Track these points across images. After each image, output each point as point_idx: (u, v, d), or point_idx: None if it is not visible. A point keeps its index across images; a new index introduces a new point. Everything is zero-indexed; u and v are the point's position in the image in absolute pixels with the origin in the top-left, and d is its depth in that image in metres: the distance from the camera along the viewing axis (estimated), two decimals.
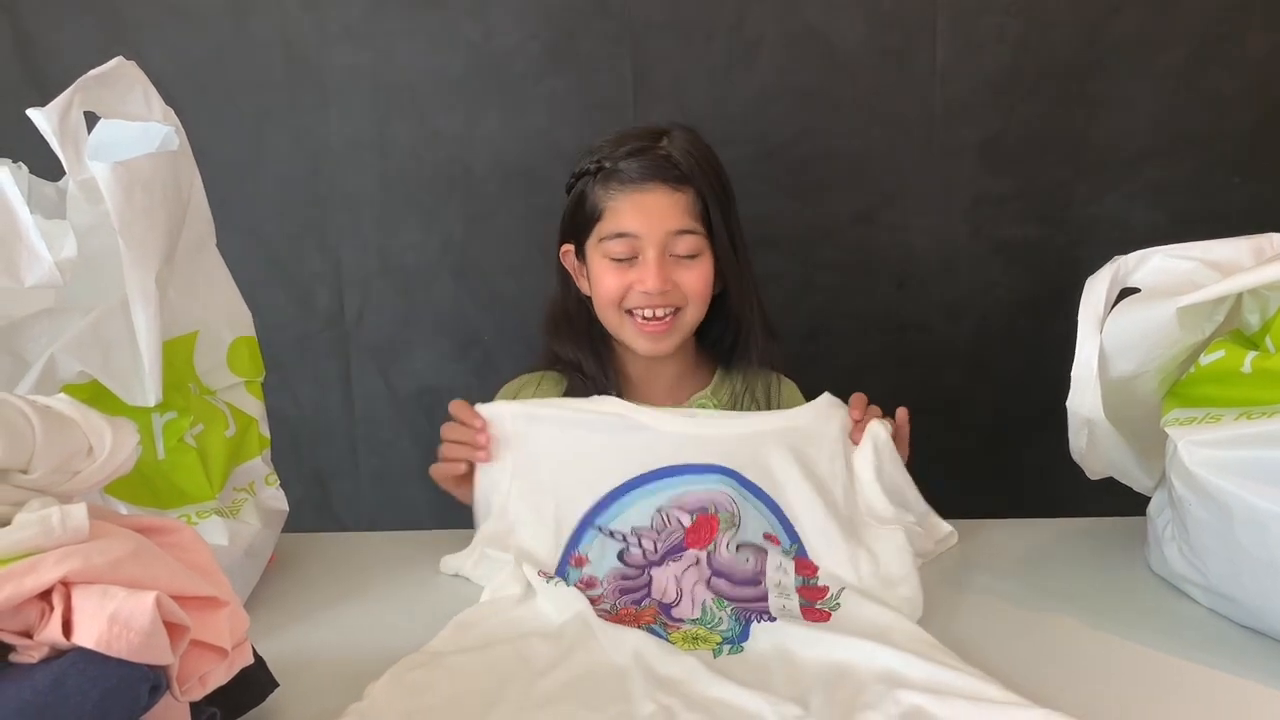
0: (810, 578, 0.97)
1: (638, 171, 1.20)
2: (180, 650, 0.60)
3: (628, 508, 1.01)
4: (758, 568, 0.96)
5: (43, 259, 0.81)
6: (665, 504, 1.00)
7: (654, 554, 0.98)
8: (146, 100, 0.94)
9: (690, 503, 1.00)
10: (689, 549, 0.97)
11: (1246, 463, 0.80)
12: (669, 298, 1.20)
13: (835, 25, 1.52)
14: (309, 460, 1.67)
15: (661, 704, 0.75)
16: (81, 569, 0.58)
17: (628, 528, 0.99)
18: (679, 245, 1.19)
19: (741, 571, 0.96)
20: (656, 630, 0.88)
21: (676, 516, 0.99)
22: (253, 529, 0.98)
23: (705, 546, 0.97)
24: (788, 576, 0.96)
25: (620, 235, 1.20)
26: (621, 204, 1.20)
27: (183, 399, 0.97)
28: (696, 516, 0.99)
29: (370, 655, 0.86)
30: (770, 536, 0.99)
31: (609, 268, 1.21)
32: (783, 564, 0.97)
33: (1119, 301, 0.91)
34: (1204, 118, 1.52)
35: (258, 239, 1.58)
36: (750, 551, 0.97)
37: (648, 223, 1.19)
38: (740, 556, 0.97)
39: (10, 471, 0.63)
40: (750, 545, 0.98)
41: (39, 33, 1.53)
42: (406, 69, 1.54)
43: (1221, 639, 0.85)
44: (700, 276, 1.21)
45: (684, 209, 1.20)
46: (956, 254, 1.58)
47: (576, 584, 0.95)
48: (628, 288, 1.20)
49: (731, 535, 0.98)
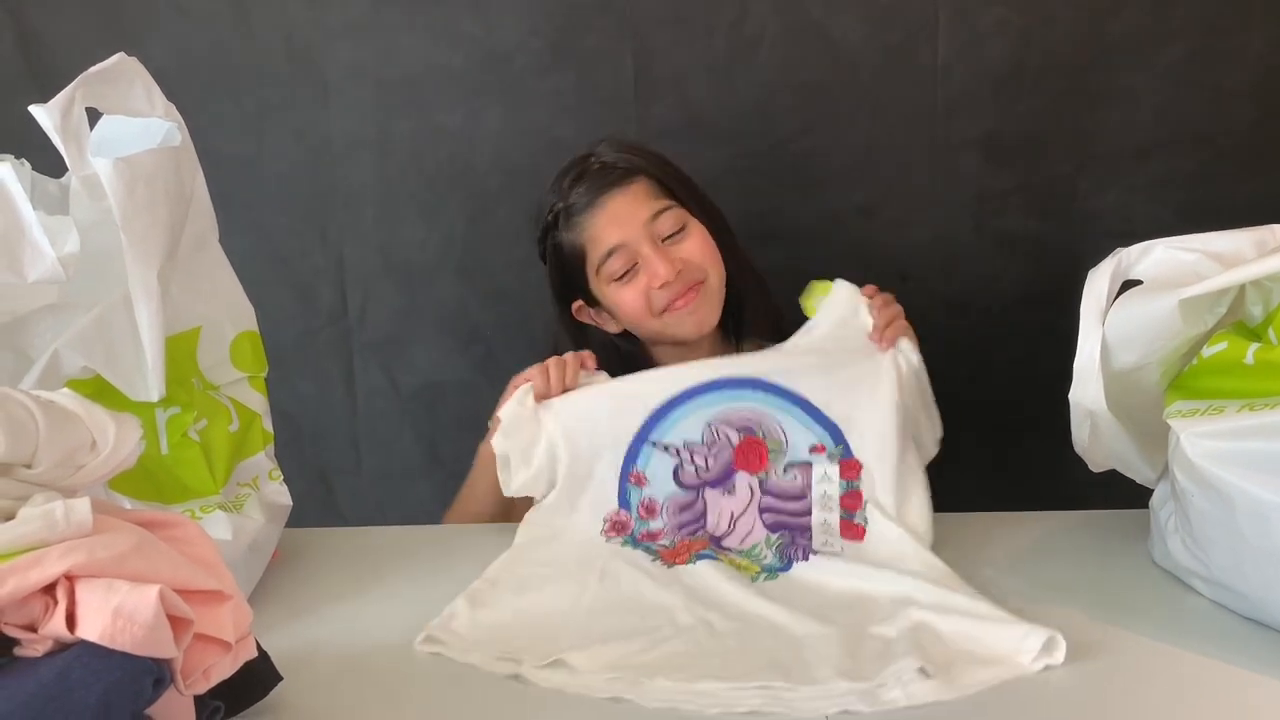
0: (854, 480, 1.05)
1: (586, 194, 1.22)
2: (184, 644, 0.60)
3: (679, 421, 1.07)
4: (804, 483, 1.05)
5: (46, 255, 0.81)
6: (714, 418, 1.07)
7: (706, 472, 1.06)
8: (148, 96, 0.94)
9: (736, 419, 1.07)
10: (738, 471, 1.05)
11: (1249, 454, 0.80)
12: (686, 277, 1.21)
13: (837, 21, 1.52)
14: (312, 456, 1.67)
15: (700, 617, 0.88)
16: (85, 563, 0.58)
17: (680, 441, 1.06)
18: (662, 226, 1.21)
19: (790, 489, 1.05)
20: (707, 554, 0.99)
21: (725, 433, 1.06)
22: (256, 524, 0.98)
23: (757, 473, 1.05)
24: (832, 485, 1.04)
25: (610, 253, 1.21)
26: (591, 228, 1.22)
27: (186, 394, 0.97)
28: (744, 436, 1.06)
29: (373, 649, 0.86)
30: (818, 448, 1.06)
31: (622, 287, 1.22)
32: (827, 473, 1.05)
33: (1121, 294, 0.91)
34: (1206, 112, 1.51)
35: (260, 235, 1.58)
36: (797, 469, 1.06)
37: (623, 227, 1.20)
38: (789, 476, 1.06)
39: (14, 466, 0.64)
40: (797, 464, 1.06)
41: (41, 29, 1.53)
42: (408, 65, 1.54)
43: (1225, 630, 0.85)
44: (699, 241, 1.23)
45: (645, 196, 1.22)
46: (959, 249, 1.57)
47: (639, 507, 1.05)
48: (648, 293, 1.21)
49: (781, 460, 1.06)
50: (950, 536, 1.06)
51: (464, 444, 1.45)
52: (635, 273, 1.21)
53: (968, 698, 0.75)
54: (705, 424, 1.07)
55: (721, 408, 1.07)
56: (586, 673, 0.80)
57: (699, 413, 1.07)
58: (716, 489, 1.05)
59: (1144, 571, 0.97)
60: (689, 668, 0.80)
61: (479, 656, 0.83)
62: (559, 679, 0.79)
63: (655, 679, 0.78)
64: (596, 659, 0.81)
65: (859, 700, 0.75)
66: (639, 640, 0.84)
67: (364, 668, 0.83)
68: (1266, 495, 0.78)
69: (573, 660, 0.81)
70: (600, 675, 0.79)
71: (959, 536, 1.06)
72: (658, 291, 1.20)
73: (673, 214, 1.21)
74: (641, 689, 0.77)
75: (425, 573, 1.03)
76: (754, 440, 1.06)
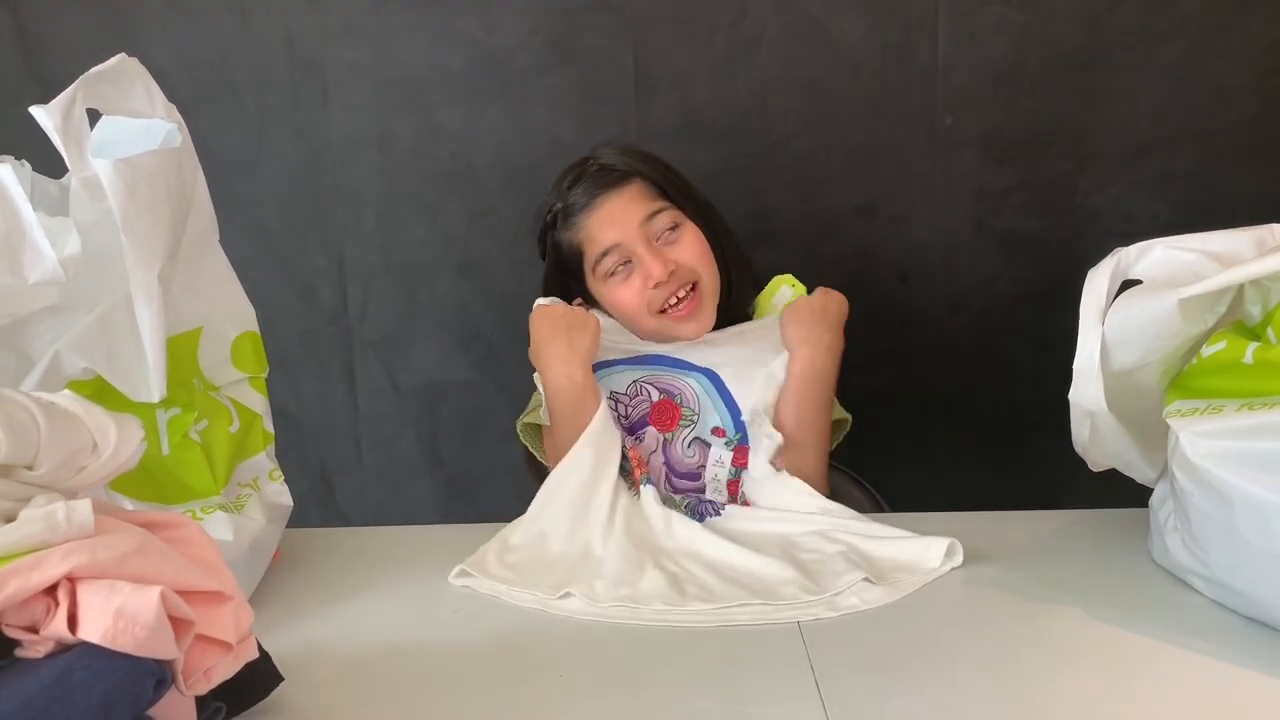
0: (743, 468, 1.15)
1: (585, 194, 1.25)
2: (185, 645, 0.60)
3: (610, 375, 1.22)
4: (699, 461, 1.18)
5: (46, 256, 0.81)
6: (641, 378, 1.22)
7: (624, 420, 1.20)
8: (149, 97, 0.94)
9: (659, 383, 1.22)
10: (650, 426, 1.20)
11: (1248, 454, 0.80)
12: (679, 277, 1.23)
13: (836, 19, 1.52)
14: (313, 455, 1.67)
15: (683, 567, 0.98)
16: (87, 564, 0.58)
17: (607, 391, 1.20)
18: (656, 226, 1.23)
19: (686, 465, 1.18)
20: (649, 480, 1.12)
21: (647, 389, 1.21)
22: (257, 524, 0.98)
23: (664, 432, 1.19)
24: (723, 470, 1.16)
25: (606, 252, 1.23)
26: (588, 228, 1.25)
27: (187, 395, 0.97)
28: (664, 397, 1.21)
29: (374, 650, 0.87)
30: (719, 430, 1.18)
31: (617, 285, 1.25)
32: (721, 457, 1.16)
33: (1120, 293, 0.91)
34: (1206, 109, 1.52)
35: (261, 235, 1.58)
36: (697, 447, 1.18)
37: (618, 227, 1.23)
38: (689, 452, 1.18)
39: (16, 468, 0.64)
40: (699, 440, 1.18)
41: (42, 29, 1.54)
42: (408, 65, 1.55)
43: (1224, 629, 0.85)
44: (693, 243, 1.25)
45: (641, 197, 1.24)
46: (959, 247, 1.58)
47: None
48: (643, 292, 1.23)
49: (689, 431, 1.19)
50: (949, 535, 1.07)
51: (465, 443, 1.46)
52: (630, 272, 1.23)
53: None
54: (632, 380, 1.22)
55: (650, 370, 1.23)
56: (595, 602, 0.92)
57: (629, 372, 1.23)
58: (629, 436, 1.18)
59: (1143, 570, 0.97)
60: (678, 594, 0.93)
61: (505, 590, 0.96)
62: (573, 606, 0.93)
63: (652, 603, 0.91)
64: (602, 590, 0.94)
65: (824, 608, 0.90)
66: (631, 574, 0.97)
67: (365, 668, 0.83)
68: (1265, 494, 0.79)
69: (582, 591, 0.93)
70: (605, 604, 0.92)
71: (958, 535, 1.06)
72: (652, 291, 1.22)
73: (667, 215, 1.23)
74: (640, 612, 0.91)
75: (426, 572, 1.03)
76: (670, 403, 1.20)
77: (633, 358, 1.24)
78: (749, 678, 0.79)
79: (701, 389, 1.21)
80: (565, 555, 1.03)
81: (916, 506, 1.14)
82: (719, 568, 0.98)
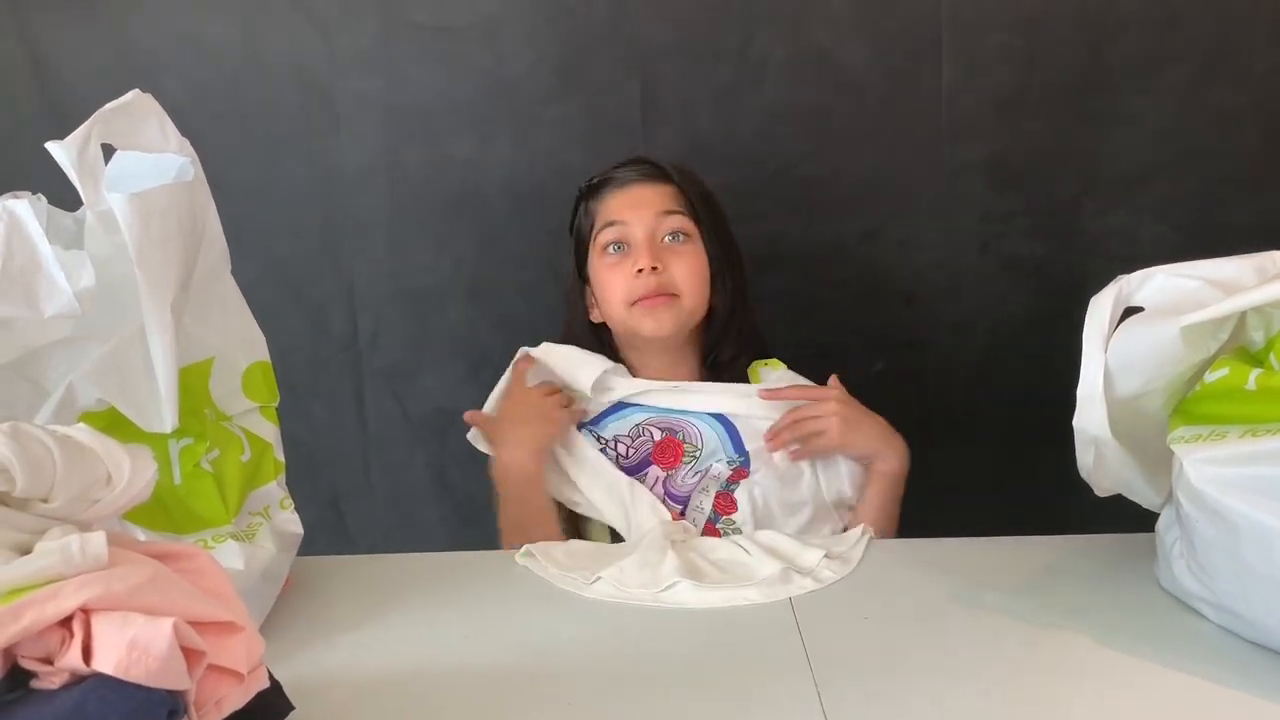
0: (735, 483, 1.23)
1: (621, 175, 1.29)
2: (197, 675, 0.61)
3: (619, 419, 1.27)
4: (698, 483, 1.23)
5: (62, 290, 0.82)
6: (644, 420, 1.26)
7: (625, 459, 1.25)
8: (163, 132, 0.95)
9: (662, 423, 1.26)
10: (653, 464, 1.25)
11: (1252, 480, 0.81)
12: (663, 284, 1.24)
13: (841, 46, 1.53)
14: (323, 482, 1.68)
15: (689, 557, 1.04)
16: (101, 596, 0.59)
17: (611, 436, 1.26)
18: (666, 225, 1.25)
19: (685, 490, 1.23)
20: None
21: (650, 430, 1.26)
22: (268, 553, 0.99)
23: (668, 469, 1.24)
24: (718, 482, 1.23)
25: (610, 224, 1.26)
26: (609, 202, 1.28)
27: (199, 425, 0.98)
28: (666, 435, 1.25)
29: (386, 677, 0.87)
30: (721, 457, 1.23)
31: (608, 265, 1.27)
32: (718, 471, 1.23)
33: (1123, 320, 0.92)
34: (1210, 133, 1.52)
35: (272, 263, 1.60)
36: (698, 477, 1.23)
37: (634, 210, 1.26)
38: (690, 481, 1.24)
39: (32, 500, 0.65)
40: (700, 472, 1.23)
41: (57, 63, 1.56)
42: (417, 94, 1.56)
43: (1231, 656, 0.85)
44: (692, 262, 1.26)
45: (668, 197, 1.27)
46: (964, 271, 1.58)
47: None
48: (626, 278, 1.25)
49: (693, 465, 1.24)
50: (954, 560, 1.07)
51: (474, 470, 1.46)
52: (624, 258, 1.26)
53: None
54: (636, 423, 1.27)
55: (653, 415, 1.26)
56: (625, 586, 1.00)
57: (634, 415, 1.27)
58: (631, 476, 1.22)
59: (1150, 596, 0.97)
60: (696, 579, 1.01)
61: (556, 575, 1.04)
62: (606, 590, 1.01)
63: (676, 588, 0.99)
64: (629, 576, 1.02)
65: (811, 583, 0.99)
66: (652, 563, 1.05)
67: (375, 696, 0.83)
68: (1270, 521, 0.79)
69: (611, 576, 1.01)
70: (633, 587, 1.00)
71: (963, 560, 1.07)
72: (635, 279, 1.24)
73: (681, 220, 1.26)
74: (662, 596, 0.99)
75: (436, 600, 1.03)
76: (673, 441, 1.25)
77: (638, 405, 1.28)
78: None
79: (708, 427, 1.25)
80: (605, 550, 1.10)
81: (921, 530, 1.14)
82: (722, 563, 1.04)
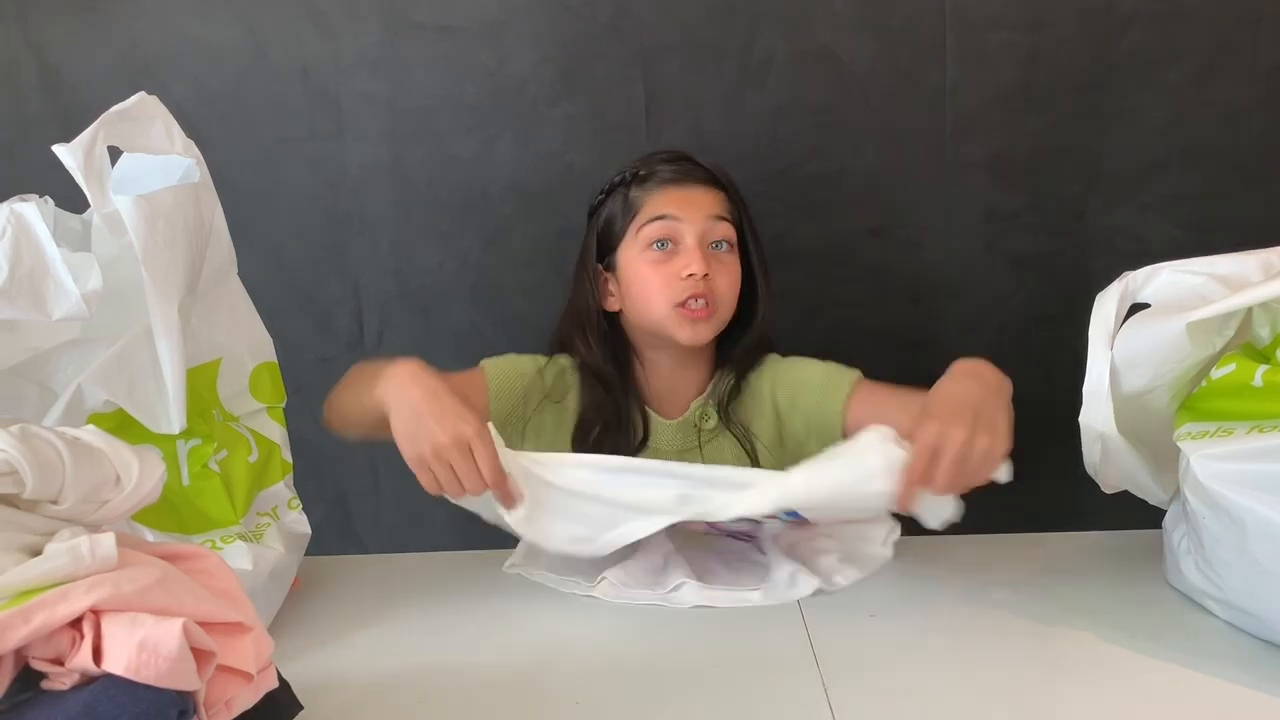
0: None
1: (674, 172, 1.25)
2: (207, 675, 0.61)
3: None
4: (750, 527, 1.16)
5: (70, 292, 0.83)
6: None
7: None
8: (168, 134, 0.96)
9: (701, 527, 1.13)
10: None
11: (1259, 476, 0.81)
12: (709, 290, 1.20)
13: (845, 44, 1.53)
14: (330, 482, 1.68)
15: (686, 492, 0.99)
16: (111, 597, 0.59)
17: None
18: (716, 231, 1.23)
19: (736, 529, 1.16)
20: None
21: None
22: (276, 553, 0.99)
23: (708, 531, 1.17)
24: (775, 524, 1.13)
25: (660, 218, 1.22)
26: (657, 195, 1.24)
27: (206, 425, 0.99)
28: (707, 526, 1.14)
29: (394, 676, 0.87)
30: (771, 517, 1.04)
31: (651, 261, 1.22)
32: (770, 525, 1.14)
33: (1129, 317, 0.92)
34: (1215, 129, 1.52)
35: (277, 264, 1.60)
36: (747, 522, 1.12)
37: (688, 209, 1.22)
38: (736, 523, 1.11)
39: (42, 502, 0.65)
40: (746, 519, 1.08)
41: (63, 65, 1.56)
42: (422, 95, 1.56)
43: (1239, 652, 0.85)
44: (733, 274, 1.24)
45: (720, 203, 1.24)
46: (970, 269, 1.58)
47: None
48: (672, 278, 1.20)
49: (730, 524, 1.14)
50: (963, 557, 1.07)
51: None
52: (671, 256, 1.21)
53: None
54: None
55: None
56: (626, 586, 1.02)
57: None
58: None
59: (1158, 592, 0.97)
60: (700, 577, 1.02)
61: (555, 580, 1.07)
62: (606, 591, 1.02)
63: (681, 589, 1.01)
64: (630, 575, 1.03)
65: (824, 584, 1.02)
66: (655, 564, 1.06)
67: (383, 695, 0.84)
68: (1276, 517, 0.79)
69: (614, 576, 1.03)
70: (633, 588, 1.02)
71: (971, 556, 1.07)
72: (683, 281, 1.19)
73: (729, 232, 1.24)
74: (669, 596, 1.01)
75: (444, 600, 1.04)
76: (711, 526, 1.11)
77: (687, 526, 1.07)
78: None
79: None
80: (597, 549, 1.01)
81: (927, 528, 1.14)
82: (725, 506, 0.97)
